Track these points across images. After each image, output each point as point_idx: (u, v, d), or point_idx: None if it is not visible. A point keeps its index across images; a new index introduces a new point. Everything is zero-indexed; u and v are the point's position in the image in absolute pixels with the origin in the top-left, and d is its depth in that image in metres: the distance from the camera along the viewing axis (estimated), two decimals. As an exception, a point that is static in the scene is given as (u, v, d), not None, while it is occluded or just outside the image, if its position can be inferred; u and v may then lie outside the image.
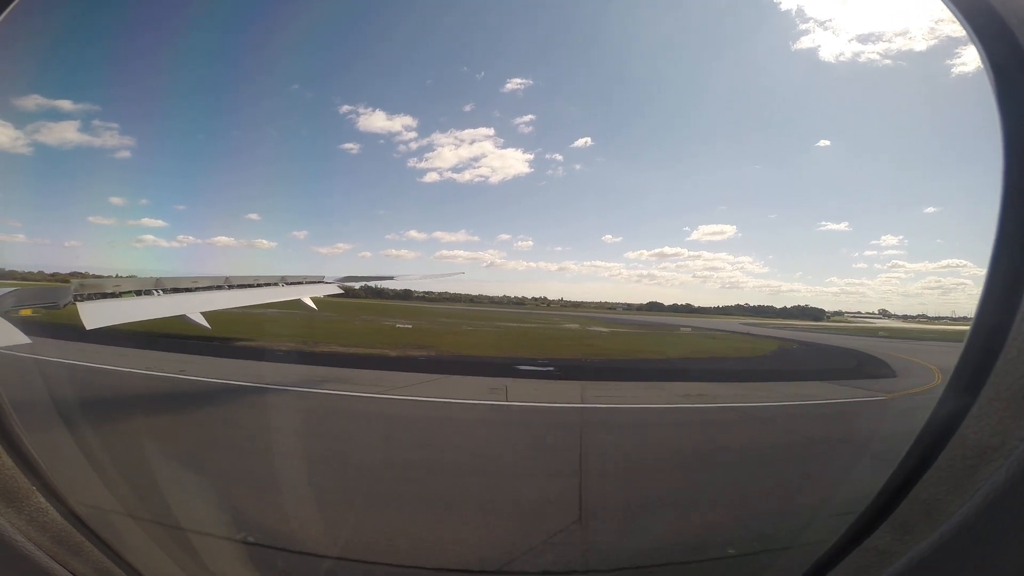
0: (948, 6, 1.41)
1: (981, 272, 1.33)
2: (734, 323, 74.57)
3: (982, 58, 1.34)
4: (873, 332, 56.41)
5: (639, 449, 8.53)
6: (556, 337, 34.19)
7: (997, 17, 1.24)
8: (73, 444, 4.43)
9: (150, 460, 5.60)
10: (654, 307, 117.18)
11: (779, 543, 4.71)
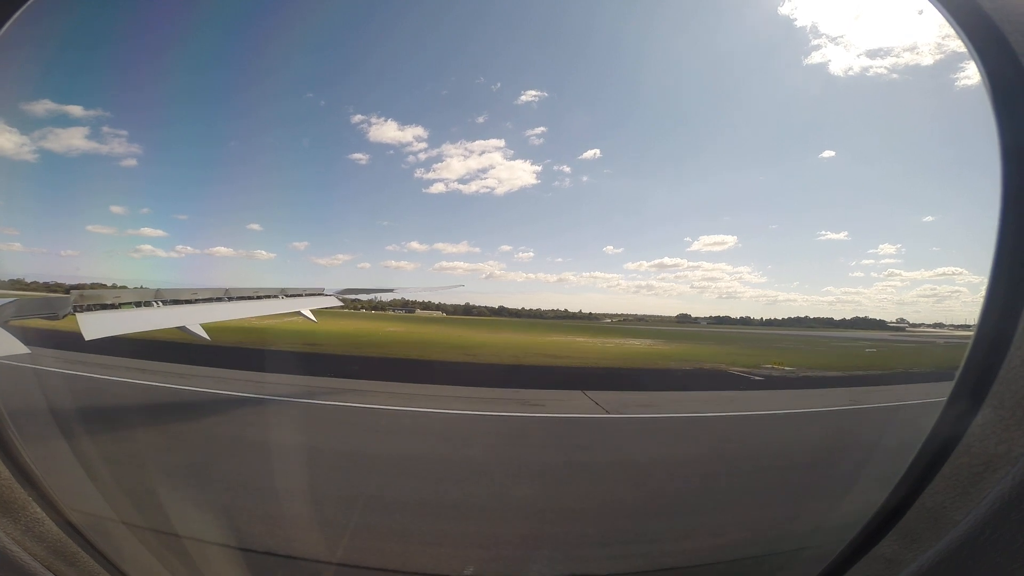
0: (949, 21, 1.43)
1: (977, 279, 1.33)
2: (875, 336, 65.93)
3: (981, 71, 1.36)
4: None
5: None
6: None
7: (996, 31, 1.26)
8: (70, 454, 4.39)
9: (148, 470, 5.54)
10: (723, 320, 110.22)
11: None
